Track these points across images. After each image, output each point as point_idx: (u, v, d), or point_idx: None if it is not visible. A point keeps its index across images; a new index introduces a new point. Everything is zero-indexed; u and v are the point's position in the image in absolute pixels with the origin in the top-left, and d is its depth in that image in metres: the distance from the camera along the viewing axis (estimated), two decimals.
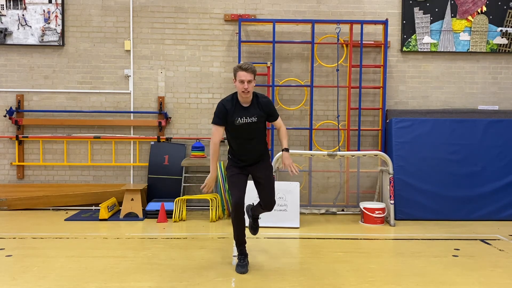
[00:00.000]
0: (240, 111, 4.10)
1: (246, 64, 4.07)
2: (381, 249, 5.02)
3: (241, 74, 4.02)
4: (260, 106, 4.16)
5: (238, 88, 4.06)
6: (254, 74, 4.09)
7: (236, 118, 4.08)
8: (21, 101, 7.04)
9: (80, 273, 4.05)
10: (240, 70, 4.03)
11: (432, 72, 7.29)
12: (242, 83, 4.02)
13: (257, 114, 4.12)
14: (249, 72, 4.03)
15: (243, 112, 4.10)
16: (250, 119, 4.11)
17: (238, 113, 4.09)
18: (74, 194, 6.86)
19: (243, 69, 4.03)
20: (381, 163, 6.69)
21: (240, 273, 4.12)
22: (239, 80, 4.03)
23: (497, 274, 4.16)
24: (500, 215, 6.42)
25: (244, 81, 4.02)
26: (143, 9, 7.12)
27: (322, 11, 7.15)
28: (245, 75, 4.01)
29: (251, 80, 4.06)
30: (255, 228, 4.53)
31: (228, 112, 4.08)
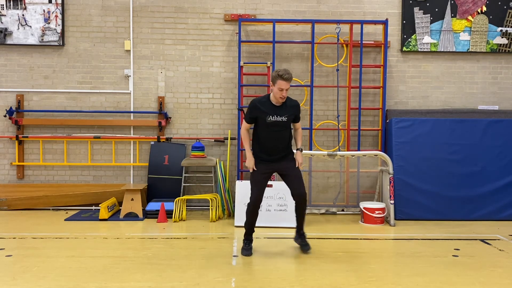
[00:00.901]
0: (272, 109, 4.50)
1: (286, 74, 4.39)
2: (381, 249, 5.02)
3: (281, 83, 4.38)
4: (291, 108, 4.58)
5: (276, 94, 4.43)
6: (291, 81, 4.46)
7: (268, 116, 4.49)
8: (21, 101, 7.04)
9: (80, 273, 4.05)
10: (280, 79, 4.37)
11: (432, 72, 7.29)
12: (281, 91, 4.40)
13: (287, 114, 4.54)
14: (288, 81, 4.40)
15: (275, 111, 4.50)
16: (281, 118, 4.52)
17: (270, 111, 4.50)
18: (74, 194, 6.86)
19: (284, 78, 4.37)
20: (381, 163, 6.69)
21: (245, 256, 4.59)
22: (278, 88, 4.39)
23: (497, 274, 4.16)
24: (500, 215, 6.43)
25: (283, 89, 4.40)
26: (143, 9, 7.12)
27: (322, 11, 7.15)
28: (285, 84, 4.39)
29: (288, 89, 4.43)
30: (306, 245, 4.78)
31: (260, 110, 4.50)
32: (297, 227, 4.86)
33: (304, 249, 4.75)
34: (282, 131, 4.57)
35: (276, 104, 4.50)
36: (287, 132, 4.64)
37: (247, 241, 4.75)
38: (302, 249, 4.77)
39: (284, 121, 4.53)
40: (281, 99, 4.44)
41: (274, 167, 4.66)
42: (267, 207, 5.98)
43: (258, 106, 4.52)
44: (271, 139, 4.57)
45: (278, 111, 4.50)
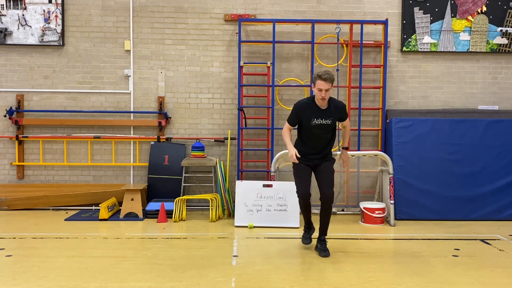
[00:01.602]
0: (317, 112, 4.49)
1: (325, 74, 4.36)
2: (381, 249, 5.02)
3: (320, 83, 4.36)
4: (335, 109, 4.55)
5: (317, 95, 4.43)
6: (332, 82, 4.42)
7: (313, 119, 4.49)
8: (21, 101, 7.04)
9: (80, 273, 4.05)
10: (319, 79, 4.37)
11: (432, 72, 7.29)
12: (320, 91, 4.38)
13: (332, 117, 4.53)
14: (327, 82, 4.35)
15: (320, 114, 4.49)
16: (325, 121, 4.51)
17: (314, 114, 4.49)
18: (74, 194, 6.86)
19: (322, 78, 4.35)
20: (381, 163, 6.69)
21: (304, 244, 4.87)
22: (317, 88, 4.38)
23: (497, 274, 4.16)
24: (500, 215, 6.43)
25: (322, 90, 4.36)
26: (143, 9, 7.12)
27: (322, 11, 7.15)
28: (324, 84, 4.37)
29: (328, 89, 4.39)
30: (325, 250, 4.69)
31: (305, 113, 4.51)
32: (319, 232, 4.75)
33: (322, 254, 4.63)
34: (326, 133, 4.59)
35: (321, 106, 4.48)
36: (331, 133, 4.64)
37: (306, 229, 4.89)
38: (320, 254, 4.65)
39: (329, 124, 4.53)
40: (321, 100, 4.42)
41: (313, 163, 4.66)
42: (267, 207, 5.98)
43: (303, 110, 4.52)
44: (313, 140, 4.59)
45: (323, 114, 4.49)
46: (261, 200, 6.02)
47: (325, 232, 4.74)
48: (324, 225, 4.71)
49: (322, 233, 4.74)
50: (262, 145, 7.13)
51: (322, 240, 4.73)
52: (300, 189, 4.61)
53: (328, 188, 4.56)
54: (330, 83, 4.37)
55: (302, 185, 4.60)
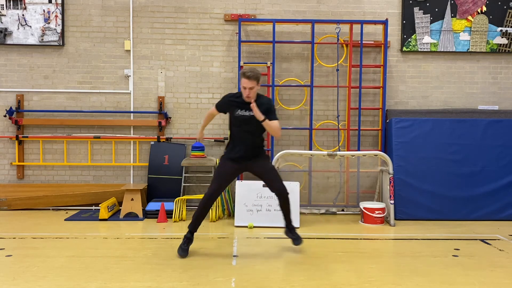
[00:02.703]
0: (242, 104, 4.45)
1: (249, 72, 4.31)
2: (381, 249, 5.02)
3: (244, 81, 4.34)
4: (260, 104, 4.43)
5: (242, 93, 4.41)
6: (257, 80, 4.36)
7: (237, 110, 4.46)
8: (21, 101, 7.04)
9: (80, 273, 4.05)
10: (243, 77, 4.34)
11: (432, 72, 7.29)
12: (245, 89, 4.36)
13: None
14: (251, 79, 4.30)
15: (244, 106, 4.44)
16: (248, 113, 4.43)
17: (239, 105, 4.45)
18: (74, 194, 6.86)
19: (246, 76, 4.32)
20: (381, 163, 6.69)
21: (180, 256, 4.49)
22: (242, 85, 4.36)
23: (497, 274, 4.16)
24: (500, 215, 6.43)
25: (246, 88, 4.34)
26: (143, 9, 7.12)
27: (322, 11, 7.15)
28: (247, 82, 4.33)
29: (253, 87, 4.33)
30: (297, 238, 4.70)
31: (230, 103, 4.51)
32: (285, 223, 4.78)
33: (296, 243, 4.69)
34: (252, 129, 4.47)
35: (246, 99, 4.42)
36: (258, 130, 4.52)
37: (187, 240, 4.59)
38: (294, 243, 4.70)
39: (251, 116, 4.41)
40: (247, 98, 4.37)
41: (242, 167, 4.61)
42: (267, 207, 5.98)
43: (230, 98, 4.55)
44: (240, 137, 4.51)
45: (247, 106, 4.41)
46: (261, 200, 6.02)
47: (290, 221, 4.76)
48: (287, 216, 4.72)
49: (289, 223, 4.76)
50: None
51: (292, 228, 4.76)
52: (213, 185, 4.50)
53: (277, 183, 4.55)
54: (255, 81, 4.29)
55: (217, 182, 4.51)
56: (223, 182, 4.57)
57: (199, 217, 4.58)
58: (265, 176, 4.61)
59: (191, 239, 4.62)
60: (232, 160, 4.57)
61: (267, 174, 4.60)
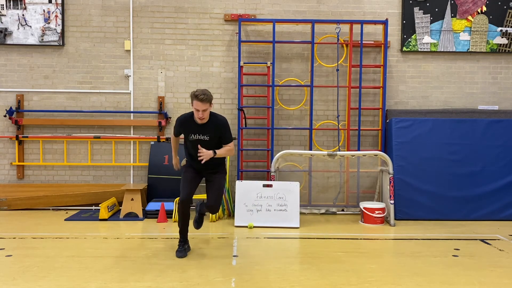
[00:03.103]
0: (195, 128, 4.43)
1: (202, 95, 4.24)
2: (381, 249, 5.02)
3: (196, 103, 4.27)
4: (215, 127, 4.46)
5: (194, 114, 4.36)
6: (209, 102, 4.31)
7: (190, 134, 4.46)
8: (21, 101, 7.04)
9: (80, 273, 4.05)
10: (196, 100, 4.25)
11: (432, 72, 7.29)
12: (198, 112, 4.30)
13: (210, 134, 4.44)
14: (204, 102, 4.25)
15: (197, 129, 4.43)
16: (203, 137, 4.44)
17: (192, 130, 4.44)
18: (74, 194, 6.86)
19: (199, 99, 4.24)
20: (381, 163, 6.69)
21: (179, 257, 4.49)
22: (194, 108, 4.31)
23: (497, 274, 4.16)
24: (500, 215, 6.43)
25: (200, 110, 4.29)
26: (143, 9, 7.12)
27: (322, 11, 7.15)
28: (200, 105, 4.27)
29: (206, 109, 4.30)
30: (199, 223, 4.81)
31: (183, 127, 4.51)
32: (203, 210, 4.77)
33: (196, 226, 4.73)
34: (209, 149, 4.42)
35: (199, 123, 4.39)
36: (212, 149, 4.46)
37: (182, 242, 4.64)
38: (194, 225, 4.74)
39: (207, 140, 4.43)
40: (199, 120, 4.34)
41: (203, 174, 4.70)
42: (267, 207, 5.98)
43: (181, 124, 4.52)
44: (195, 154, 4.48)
45: (201, 129, 4.41)
46: (261, 200, 6.02)
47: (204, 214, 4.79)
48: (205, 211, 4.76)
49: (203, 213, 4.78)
50: (262, 145, 7.13)
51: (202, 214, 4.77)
52: (182, 193, 4.48)
53: (215, 202, 4.59)
54: (208, 103, 4.26)
55: (185, 189, 4.49)
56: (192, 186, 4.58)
57: (184, 223, 4.61)
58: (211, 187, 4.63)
59: (185, 241, 4.67)
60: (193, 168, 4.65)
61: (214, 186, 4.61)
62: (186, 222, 4.61)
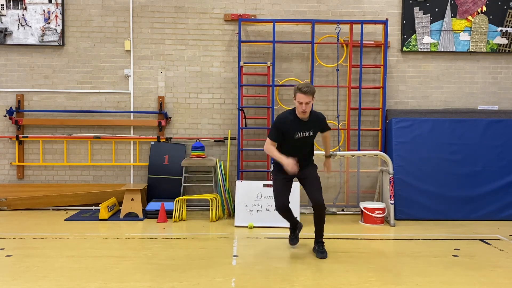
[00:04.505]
0: (299, 125, 4.44)
1: (306, 87, 4.30)
2: (381, 249, 5.02)
3: (300, 96, 4.31)
4: (317, 121, 4.55)
5: (298, 108, 4.38)
6: (312, 95, 4.37)
7: (296, 132, 4.44)
8: (21, 101, 7.04)
9: (80, 273, 4.05)
10: (299, 92, 4.30)
11: (432, 72, 7.29)
12: (301, 104, 4.32)
13: (313, 129, 4.52)
14: (308, 95, 4.30)
15: (302, 127, 4.45)
16: (308, 133, 4.49)
17: (297, 128, 4.44)
18: (74, 194, 6.86)
19: (303, 92, 4.29)
20: (381, 163, 6.69)
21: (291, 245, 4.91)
22: (298, 101, 4.33)
23: (497, 274, 4.16)
24: (500, 215, 6.43)
25: (303, 103, 4.31)
26: (143, 9, 7.12)
27: (322, 11, 7.15)
28: (304, 97, 4.31)
29: (309, 102, 4.34)
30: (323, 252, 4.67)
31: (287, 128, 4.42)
32: (315, 236, 4.70)
33: (320, 256, 4.60)
34: (307, 144, 4.60)
35: (302, 119, 4.43)
36: (310, 143, 4.64)
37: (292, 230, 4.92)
38: (318, 256, 4.61)
39: (311, 136, 4.54)
40: (302, 114, 4.37)
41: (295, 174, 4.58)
42: (267, 207, 5.98)
43: (284, 125, 4.43)
44: (294, 151, 4.48)
45: (305, 126, 4.45)
46: (261, 200, 6.02)
47: (321, 235, 4.71)
48: (319, 229, 4.67)
49: (319, 236, 4.71)
50: (262, 145, 7.05)
51: (320, 242, 4.70)
52: (277, 201, 4.57)
53: (318, 195, 4.53)
54: (311, 96, 4.31)
55: (279, 198, 4.57)
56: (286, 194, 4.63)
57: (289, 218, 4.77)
58: (309, 184, 4.61)
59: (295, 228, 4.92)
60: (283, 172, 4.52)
61: (312, 182, 4.60)
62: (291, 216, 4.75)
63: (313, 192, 4.56)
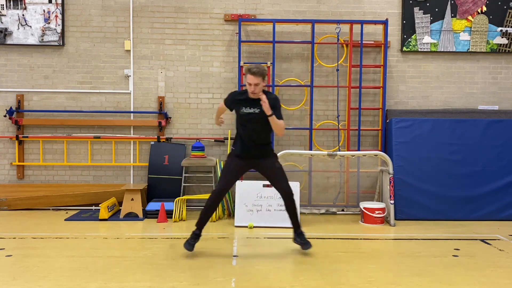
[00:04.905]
0: (247, 102, 4.44)
1: (255, 68, 4.32)
2: (381, 249, 5.02)
3: (249, 77, 4.33)
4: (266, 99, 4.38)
5: (247, 88, 4.39)
6: (262, 76, 4.35)
7: (241, 107, 4.46)
8: (21, 101, 7.04)
9: (80, 273, 4.05)
10: (248, 73, 4.33)
11: (432, 72, 7.29)
12: (250, 86, 4.34)
13: (261, 107, 4.38)
14: (257, 75, 4.30)
15: (249, 103, 4.43)
16: (254, 110, 4.43)
17: (244, 103, 4.45)
18: (74, 194, 6.86)
19: (251, 72, 4.31)
20: (381, 163, 6.69)
21: (187, 249, 4.53)
22: (247, 82, 4.35)
23: (497, 274, 4.16)
24: (500, 215, 6.42)
25: (252, 84, 4.32)
26: (143, 9, 7.12)
27: (322, 11, 7.15)
28: (252, 78, 4.32)
29: (258, 83, 4.32)
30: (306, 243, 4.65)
31: (235, 100, 4.54)
32: (293, 227, 4.73)
33: (305, 248, 4.64)
34: (258, 127, 4.46)
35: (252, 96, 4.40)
36: (264, 127, 4.48)
37: (194, 235, 4.61)
38: (303, 248, 4.66)
39: (257, 113, 4.41)
40: (252, 95, 4.35)
41: (249, 164, 4.60)
42: (267, 207, 5.98)
43: (235, 96, 4.58)
44: (247, 134, 4.48)
45: (253, 103, 4.41)
46: (261, 200, 6.02)
47: (299, 225, 4.71)
48: (295, 219, 4.68)
49: (297, 228, 4.71)
50: None
51: (300, 233, 4.71)
52: (220, 183, 4.52)
53: (284, 184, 4.54)
54: (260, 77, 4.28)
55: (225, 179, 4.52)
56: (231, 179, 4.59)
57: (207, 214, 4.61)
58: (271, 176, 4.60)
59: (199, 235, 4.63)
60: (238, 157, 4.56)
61: (273, 173, 4.59)
62: (209, 215, 4.63)
63: (279, 182, 4.55)
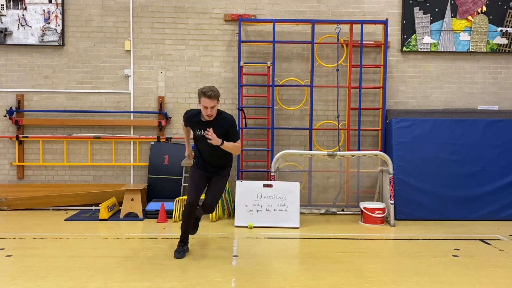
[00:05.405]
0: (201, 124, 4.39)
1: (210, 91, 4.22)
2: (381, 249, 5.02)
3: (204, 100, 4.23)
4: (221, 123, 4.38)
5: (202, 111, 4.31)
6: (217, 99, 4.29)
7: (197, 130, 4.44)
8: (21, 101, 7.04)
9: (80, 273, 4.05)
10: (204, 97, 4.23)
11: (432, 72, 7.29)
12: (206, 109, 4.26)
13: (216, 131, 4.31)
14: (212, 99, 4.22)
15: (204, 126, 4.36)
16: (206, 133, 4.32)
17: (199, 126, 4.40)
18: (74, 194, 6.86)
19: (207, 96, 4.21)
20: (381, 163, 6.69)
21: (177, 258, 4.48)
22: (202, 105, 4.26)
23: (497, 274, 4.16)
24: (500, 215, 6.43)
25: (208, 107, 4.25)
26: (143, 9, 7.12)
27: (322, 11, 7.15)
28: (208, 102, 4.23)
29: (214, 106, 4.26)
30: (194, 228, 4.85)
31: (190, 122, 4.51)
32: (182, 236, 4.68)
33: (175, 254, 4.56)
34: (213, 149, 4.38)
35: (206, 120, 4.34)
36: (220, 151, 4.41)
37: (182, 243, 4.63)
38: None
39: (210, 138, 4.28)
40: (207, 117, 4.30)
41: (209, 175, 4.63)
42: (267, 207, 5.98)
43: (189, 118, 4.53)
44: (204, 152, 4.52)
45: (207, 125, 4.32)
46: (261, 200, 6.02)
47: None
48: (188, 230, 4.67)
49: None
50: (262, 145, 7.13)
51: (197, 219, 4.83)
52: (189, 196, 4.48)
53: (213, 200, 4.60)
54: (215, 100, 4.22)
55: (193, 191, 4.50)
56: (199, 189, 4.58)
57: (187, 228, 4.62)
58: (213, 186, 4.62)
59: (186, 242, 4.67)
60: (199, 169, 4.61)
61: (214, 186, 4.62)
62: (189, 224, 4.62)
63: (210, 197, 4.62)
